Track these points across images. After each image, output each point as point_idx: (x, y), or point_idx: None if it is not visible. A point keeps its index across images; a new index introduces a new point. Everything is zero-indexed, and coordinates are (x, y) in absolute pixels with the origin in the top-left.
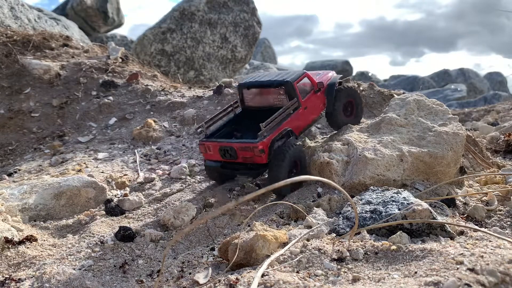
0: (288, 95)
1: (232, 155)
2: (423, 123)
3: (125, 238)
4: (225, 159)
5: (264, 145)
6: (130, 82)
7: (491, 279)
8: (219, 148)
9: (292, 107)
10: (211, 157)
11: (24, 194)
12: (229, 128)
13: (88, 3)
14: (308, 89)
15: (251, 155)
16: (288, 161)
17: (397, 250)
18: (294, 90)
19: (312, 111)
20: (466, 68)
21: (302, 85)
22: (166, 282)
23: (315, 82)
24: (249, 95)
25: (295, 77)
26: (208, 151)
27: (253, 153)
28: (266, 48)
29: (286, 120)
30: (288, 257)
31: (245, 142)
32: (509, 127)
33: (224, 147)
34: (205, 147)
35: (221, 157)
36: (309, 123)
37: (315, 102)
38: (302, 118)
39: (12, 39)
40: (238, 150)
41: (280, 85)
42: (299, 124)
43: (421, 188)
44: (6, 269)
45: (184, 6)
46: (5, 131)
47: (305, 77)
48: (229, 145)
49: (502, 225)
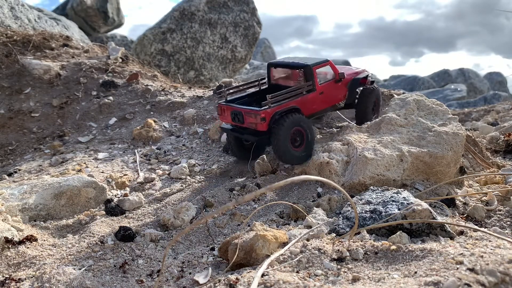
0: (306, 78)
1: (239, 119)
2: (423, 123)
3: (125, 238)
4: (235, 122)
5: (267, 114)
6: (130, 82)
7: (491, 279)
8: (231, 112)
9: (306, 89)
10: (225, 119)
11: (24, 194)
12: (250, 99)
13: (88, 3)
14: (329, 77)
15: (254, 121)
16: (287, 127)
17: (397, 250)
18: (311, 74)
19: (329, 98)
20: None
21: (322, 71)
22: (166, 282)
23: (337, 72)
24: (276, 74)
25: (315, 63)
26: (223, 114)
27: (255, 120)
28: (266, 48)
29: (295, 98)
30: (288, 257)
31: (251, 109)
32: (509, 127)
33: (235, 111)
34: (221, 109)
35: (232, 121)
36: (322, 108)
37: (334, 91)
38: (315, 101)
39: (12, 39)
40: (245, 115)
41: (300, 67)
42: (311, 106)
43: (421, 188)
44: (6, 269)
45: (184, 6)
46: (5, 131)
47: (327, 65)
48: (239, 110)
49: (502, 225)
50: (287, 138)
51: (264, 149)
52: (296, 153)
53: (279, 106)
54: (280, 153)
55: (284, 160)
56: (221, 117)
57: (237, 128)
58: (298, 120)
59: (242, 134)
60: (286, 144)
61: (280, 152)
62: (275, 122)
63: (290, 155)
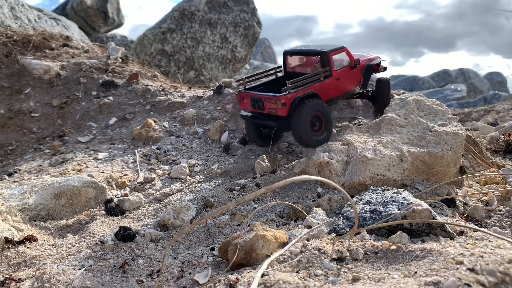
0: (323, 64)
1: (260, 106)
2: (423, 123)
3: (125, 238)
4: (255, 109)
5: (287, 100)
6: (130, 82)
7: (491, 279)
8: (251, 99)
9: (323, 75)
10: (244, 106)
11: (24, 194)
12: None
13: (88, 3)
14: (345, 64)
15: (274, 107)
16: (307, 112)
17: (397, 250)
18: (328, 60)
19: (345, 84)
20: (466, 68)
21: (338, 58)
22: (166, 282)
23: (352, 58)
24: (292, 62)
25: (332, 49)
26: (243, 101)
27: (276, 105)
28: (266, 48)
29: (313, 84)
30: (288, 257)
31: (271, 95)
32: (509, 127)
33: (255, 98)
34: (240, 97)
35: (252, 107)
36: (339, 94)
37: (349, 76)
38: (332, 87)
39: (12, 39)
40: (265, 101)
41: (317, 54)
42: (328, 92)
43: (421, 188)
44: (6, 269)
45: (184, 6)
46: (5, 131)
47: (343, 52)
48: (259, 96)
49: (502, 225)
50: (307, 123)
51: (282, 135)
52: (315, 137)
53: (298, 91)
54: (300, 137)
55: (304, 144)
56: (240, 105)
57: (257, 115)
58: (316, 105)
59: (262, 121)
60: (306, 128)
61: (300, 136)
62: (295, 108)
63: (310, 138)
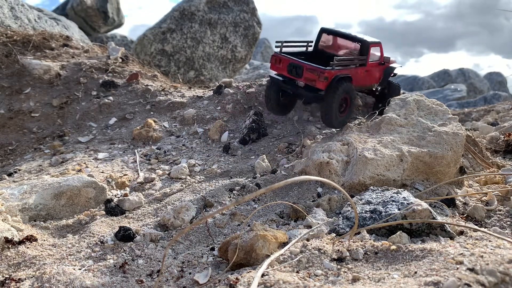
0: (361, 52)
1: (298, 73)
2: (423, 123)
3: (125, 238)
4: (290, 75)
5: (330, 75)
6: (130, 82)
7: (491, 279)
8: (289, 64)
9: (359, 62)
10: (277, 70)
11: (24, 194)
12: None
13: (88, 3)
14: (375, 58)
15: (314, 78)
16: (340, 93)
17: (397, 250)
18: (367, 50)
19: (370, 77)
20: (466, 68)
21: (373, 51)
22: (166, 282)
23: (382, 55)
24: (326, 40)
25: (372, 41)
26: (278, 64)
27: (317, 77)
28: (266, 48)
29: (351, 68)
30: (288, 257)
31: (315, 65)
32: (509, 127)
33: (294, 64)
34: (276, 60)
35: (287, 73)
36: (363, 84)
37: (375, 72)
38: (360, 76)
39: (12, 39)
40: (306, 70)
41: (358, 41)
42: (356, 79)
43: (421, 188)
44: (6, 269)
45: (184, 6)
46: (5, 131)
47: (378, 47)
48: (299, 63)
49: (502, 225)
50: (338, 102)
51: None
52: (339, 118)
53: (339, 70)
54: (328, 115)
55: (329, 123)
56: (273, 67)
57: (289, 81)
58: (349, 88)
59: (293, 87)
60: (336, 108)
61: (328, 113)
62: (333, 84)
63: (336, 119)
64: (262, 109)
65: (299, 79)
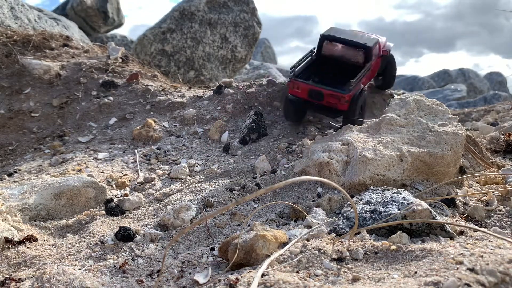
0: (366, 58)
1: (318, 98)
2: (423, 123)
3: (125, 238)
4: (311, 99)
5: (349, 97)
6: (130, 82)
7: (491, 279)
8: (309, 90)
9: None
10: (296, 94)
11: (24, 194)
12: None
13: (88, 3)
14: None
15: (336, 102)
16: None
17: (397, 250)
18: (371, 54)
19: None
20: (466, 68)
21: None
22: (166, 282)
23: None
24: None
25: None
26: (296, 89)
27: (338, 101)
28: (266, 48)
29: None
30: (288, 257)
31: (335, 91)
32: (509, 127)
33: (314, 90)
34: (293, 85)
35: (307, 97)
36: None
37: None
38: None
39: (12, 39)
40: (326, 95)
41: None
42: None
43: (421, 188)
44: (6, 269)
45: (184, 6)
46: (5, 131)
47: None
48: (319, 89)
49: (502, 225)
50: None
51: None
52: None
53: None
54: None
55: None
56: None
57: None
58: (365, 97)
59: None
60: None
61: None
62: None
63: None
64: (262, 109)
65: (320, 102)
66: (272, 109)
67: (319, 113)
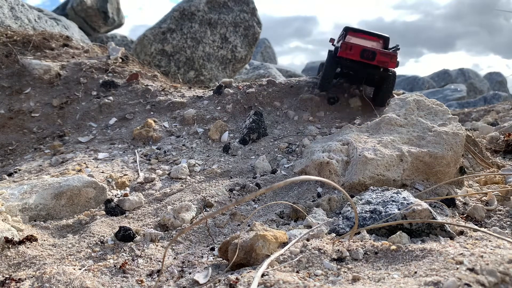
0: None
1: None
2: (423, 123)
3: (125, 238)
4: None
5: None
6: (130, 82)
7: (491, 279)
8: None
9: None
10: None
11: (24, 194)
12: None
13: (88, 3)
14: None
15: (387, 60)
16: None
17: (397, 250)
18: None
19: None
20: (466, 68)
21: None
22: (166, 282)
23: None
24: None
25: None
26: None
27: (390, 59)
28: (266, 48)
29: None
30: (288, 257)
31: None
32: (509, 127)
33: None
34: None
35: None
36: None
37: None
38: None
39: (12, 39)
40: (379, 54)
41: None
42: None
43: (421, 188)
44: (6, 269)
45: (184, 6)
46: (5, 131)
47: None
48: (373, 49)
49: (502, 225)
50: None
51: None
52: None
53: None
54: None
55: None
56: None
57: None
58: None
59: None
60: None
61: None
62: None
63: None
64: (262, 109)
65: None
66: (272, 109)
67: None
